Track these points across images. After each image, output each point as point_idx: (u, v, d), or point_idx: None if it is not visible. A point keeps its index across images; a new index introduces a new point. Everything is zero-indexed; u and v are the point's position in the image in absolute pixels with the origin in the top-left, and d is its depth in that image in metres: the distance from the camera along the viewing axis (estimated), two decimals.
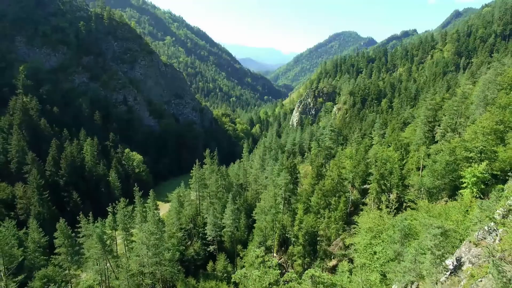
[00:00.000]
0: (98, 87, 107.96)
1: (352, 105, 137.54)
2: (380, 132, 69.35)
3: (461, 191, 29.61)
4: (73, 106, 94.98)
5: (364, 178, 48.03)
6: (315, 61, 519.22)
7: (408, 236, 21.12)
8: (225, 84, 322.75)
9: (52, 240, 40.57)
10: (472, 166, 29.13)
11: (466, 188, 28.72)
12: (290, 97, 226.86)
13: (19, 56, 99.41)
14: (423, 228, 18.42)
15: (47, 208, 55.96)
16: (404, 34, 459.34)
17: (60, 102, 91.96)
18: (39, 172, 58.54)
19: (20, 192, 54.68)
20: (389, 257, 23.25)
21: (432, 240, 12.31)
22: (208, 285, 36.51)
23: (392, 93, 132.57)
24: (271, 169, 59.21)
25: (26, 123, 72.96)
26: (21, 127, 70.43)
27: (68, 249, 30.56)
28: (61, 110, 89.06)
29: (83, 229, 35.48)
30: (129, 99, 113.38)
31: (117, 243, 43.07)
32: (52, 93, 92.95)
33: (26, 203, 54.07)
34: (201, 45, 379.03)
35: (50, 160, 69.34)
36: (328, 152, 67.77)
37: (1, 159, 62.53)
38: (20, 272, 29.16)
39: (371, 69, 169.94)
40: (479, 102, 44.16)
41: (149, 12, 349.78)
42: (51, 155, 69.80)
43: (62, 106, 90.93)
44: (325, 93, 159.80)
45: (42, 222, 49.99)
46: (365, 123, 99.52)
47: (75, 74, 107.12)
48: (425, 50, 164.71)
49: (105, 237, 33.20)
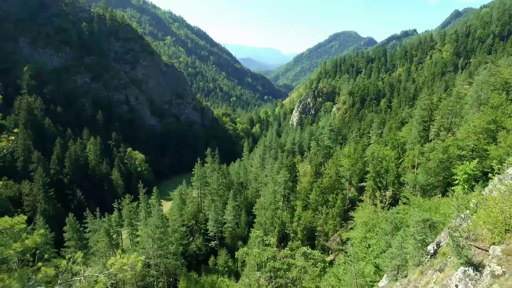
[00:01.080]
0: (101, 87, 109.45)
1: (351, 105, 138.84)
2: (378, 131, 70.80)
3: (453, 187, 30.96)
4: (76, 105, 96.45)
5: (361, 176, 49.43)
6: (315, 61, 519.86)
7: (398, 228, 22.54)
8: (225, 84, 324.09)
9: (58, 236, 42.15)
10: (464, 164, 30.52)
11: (458, 185, 30.11)
12: (290, 97, 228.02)
13: (22, 57, 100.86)
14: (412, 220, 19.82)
15: (52, 205, 57.44)
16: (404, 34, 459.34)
17: (63, 102, 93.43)
18: (44, 170, 60.03)
19: (27, 190, 56.18)
20: (382, 249, 24.67)
21: (414, 227, 13.72)
22: (210, 279, 37.89)
23: (391, 93, 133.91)
24: (271, 167, 60.64)
25: (31, 122, 74.46)
26: (26, 126, 71.93)
27: (77, 242, 32.00)
28: (64, 109, 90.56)
29: (90, 224, 36.91)
30: (131, 99, 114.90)
31: (123, 238, 44.52)
32: (55, 93, 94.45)
33: (33, 200, 55.56)
34: (201, 45, 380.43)
35: (55, 158, 70.87)
36: (327, 151, 69.14)
37: (7, 158, 63.97)
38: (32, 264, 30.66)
39: (371, 69, 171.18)
40: (472, 102, 45.58)
41: (149, 12, 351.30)
42: (55, 154, 71.32)
43: (65, 105, 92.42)
44: (324, 93, 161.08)
45: (48, 219, 51.45)
46: (363, 122, 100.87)
47: (78, 74, 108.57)
48: (424, 51, 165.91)
49: (111, 231, 34.59)
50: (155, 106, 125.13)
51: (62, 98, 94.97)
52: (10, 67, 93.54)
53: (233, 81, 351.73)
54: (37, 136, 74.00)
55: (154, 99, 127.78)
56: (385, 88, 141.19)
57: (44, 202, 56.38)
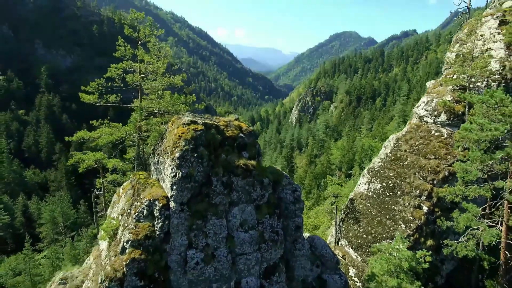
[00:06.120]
0: (110, 86, 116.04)
1: (348, 103, 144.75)
2: (368, 126, 76.95)
3: None
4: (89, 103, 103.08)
5: (351, 164, 55.78)
6: (316, 61, 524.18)
7: None
8: (226, 84, 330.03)
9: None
10: None
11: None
12: (290, 96, 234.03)
13: (38, 58, 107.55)
14: None
15: (74, 192, 64.12)
16: (404, 34, 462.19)
17: (78, 99, 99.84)
18: (67, 160, 66.69)
19: (52, 177, 62.83)
20: None
21: None
22: None
23: (386, 92, 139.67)
24: (270, 158, 66.97)
25: (50, 118, 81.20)
26: (46, 121, 78.65)
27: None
28: (79, 106, 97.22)
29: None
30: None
31: None
32: (70, 91, 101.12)
33: (57, 186, 62.19)
34: (203, 46, 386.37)
35: (73, 151, 77.64)
36: (322, 144, 75.45)
37: (33, 150, 70.80)
38: (74, 228, 37.27)
39: (368, 69, 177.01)
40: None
41: (152, 13, 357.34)
42: (73, 146, 77.93)
43: (79, 103, 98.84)
44: (322, 92, 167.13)
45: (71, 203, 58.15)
46: (358, 120, 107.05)
47: (89, 74, 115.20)
48: (420, 51, 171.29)
49: None
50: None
51: (76, 96, 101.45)
52: (28, 67, 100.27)
53: (234, 81, 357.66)
54: (55, 130, 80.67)
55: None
56: (381, 88, 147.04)
57: (67, 188, 63.04)
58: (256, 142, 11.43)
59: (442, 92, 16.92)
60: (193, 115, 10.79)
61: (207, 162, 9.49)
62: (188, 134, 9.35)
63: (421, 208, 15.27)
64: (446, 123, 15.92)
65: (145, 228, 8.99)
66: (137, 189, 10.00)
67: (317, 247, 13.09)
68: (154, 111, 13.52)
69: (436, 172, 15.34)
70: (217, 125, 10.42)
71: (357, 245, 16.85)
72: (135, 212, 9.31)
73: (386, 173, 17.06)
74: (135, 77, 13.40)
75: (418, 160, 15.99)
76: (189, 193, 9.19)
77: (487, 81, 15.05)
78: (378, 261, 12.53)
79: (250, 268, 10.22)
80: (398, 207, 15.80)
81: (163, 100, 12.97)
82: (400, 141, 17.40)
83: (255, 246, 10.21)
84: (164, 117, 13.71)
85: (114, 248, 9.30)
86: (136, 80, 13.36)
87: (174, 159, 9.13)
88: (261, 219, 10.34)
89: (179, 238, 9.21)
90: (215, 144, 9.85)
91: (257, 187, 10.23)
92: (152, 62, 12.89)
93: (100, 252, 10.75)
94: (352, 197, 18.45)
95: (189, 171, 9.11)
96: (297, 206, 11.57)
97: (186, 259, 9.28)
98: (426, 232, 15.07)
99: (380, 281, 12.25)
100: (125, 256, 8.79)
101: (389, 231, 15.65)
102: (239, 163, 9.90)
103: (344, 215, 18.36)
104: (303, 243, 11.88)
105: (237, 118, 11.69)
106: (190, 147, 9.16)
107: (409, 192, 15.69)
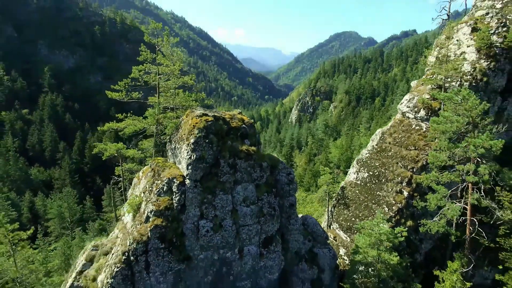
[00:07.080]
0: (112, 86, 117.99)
1: (348, 103, 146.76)
2: (367, 125, 78.86)
3: None
4: (91, 102, 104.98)
5: (349, 162, 57.66)
6: (316, 61, 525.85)
7: None
8: (227, 84, 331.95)
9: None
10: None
11: None
12: (290, 96, 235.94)
13: (41, 58, 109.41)
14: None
15: (78, 189, 65.96)
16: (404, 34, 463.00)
17: (80, 99, 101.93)
18: (70, 158, 68.51)
19: (56, 175, 64.67)
20: None
21: None
22: None
23: (385, 92, 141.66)
24: None
25: (54, 117, 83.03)
26: (50, 120, 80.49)
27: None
28: (81, 106, 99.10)
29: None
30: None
31: None
32: (72, 91, 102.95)
33: (61, 183, 64.04)
34: (203, 46, 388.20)
35: (76, 149, 79.36)
36: (321, 143, 77.34)
37: (37, 148, 72.63)
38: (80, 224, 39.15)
39: (368, 69, 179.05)
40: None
41: (152, 13, 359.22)
42: (76, 145, 79.85)
43: (81, 102, 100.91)
44: (322, 92, 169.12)
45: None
46: (357, 119, 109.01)
47: (91, 74, 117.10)
48: (419, 51, 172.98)
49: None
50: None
51: (79, 95, 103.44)
52: (31, 67, 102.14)
53: (235, 81, 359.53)
54: (59, 129, 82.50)
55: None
56: (380, 87, 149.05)
57: (70, 186, 64.89)
58: (256, 133, 13.42)
59: (423, 91, 18.90)
60: (204, 109, 12.81)
61: (216, 147, 11.47)
62: (201, 124, 11.34)
63: (402, 193, 17.24)
64: (424, 118, 17.88)
65: (165, 201, 10.93)
66: (157, 171, 11.99)
67: (309, 225, 15.06)
68: (170, 106, 15.58)
69: (415, 161, 17.30)
70: (224, 117, 12.42)
71: (346, 227, 18.81)
72: (156, 189, 11.27)
73: (372, 163, 19.03)
74: (154, 77, 15.53)
75: (400, 151, 17.96)
76: (201, 172, 11.16)
77: (460, 81, 17.01)
78: (361, 236, 14.50)
79: (251, 238, 12.18)
80: (382, 193, 17.77)
81: (178, 97, 15.03)
82: (385, 135, 19.39)
83: (255, 219, 12.16)
84: (177, 112, 15.74)
85: (139, 218, 11.24)
86: (154, 80, 15.44)
87: (190, 144, 11.11)
88: (260, 196, 12.30)
89: (193, 210, 11.16)
90: (222, 133, 11.84)
91: (257, 169, 12.19)
92: (169, 65, 14.95)
93: (125, 224, 12.68)
94: (343, 185, 20.42)
95: (202, 154, 11.07)
96: (291, 187, 13.54)
97: (198, 228, 11.23)
98: (406, 214, 17.03)
99: (363, 253, 14.22)
100: (149, 223, 10.73)
101: (374, 213, 17.60)
102: (242, 148, 11.89)
103: (336, 201, 20.31)
104: (296, 219, 13.84)
105: (240, 112, 13.70)
106: (202, 134, 11.15)
107: (392, 179, 17.66)
